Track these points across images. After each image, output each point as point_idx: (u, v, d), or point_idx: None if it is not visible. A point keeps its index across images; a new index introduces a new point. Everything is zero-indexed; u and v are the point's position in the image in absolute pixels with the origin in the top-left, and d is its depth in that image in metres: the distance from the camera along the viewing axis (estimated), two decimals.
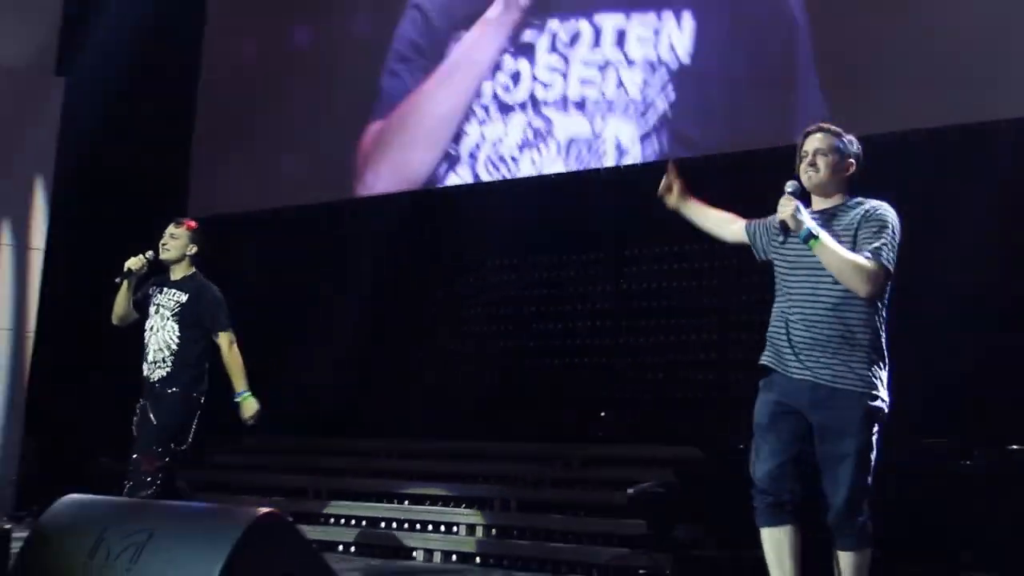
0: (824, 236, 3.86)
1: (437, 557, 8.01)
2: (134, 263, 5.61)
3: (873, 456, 3.89)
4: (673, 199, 4.38)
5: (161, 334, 5.55)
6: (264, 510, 3.09)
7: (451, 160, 10.08)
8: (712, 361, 8.55)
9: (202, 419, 10.92)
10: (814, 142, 4.08)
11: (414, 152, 10.40)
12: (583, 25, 9.39)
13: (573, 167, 9.14)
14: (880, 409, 3.90)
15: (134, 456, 5.47)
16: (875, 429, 3.89)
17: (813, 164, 4.05)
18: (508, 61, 9.82)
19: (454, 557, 7.98)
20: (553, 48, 9.53)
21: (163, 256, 5.63)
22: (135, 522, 3.26)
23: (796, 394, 3.96)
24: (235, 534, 2.94)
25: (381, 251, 10.81)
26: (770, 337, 4.11)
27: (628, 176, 8.70)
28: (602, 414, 9.38)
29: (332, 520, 8.78)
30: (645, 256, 9.29)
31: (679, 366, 8.90)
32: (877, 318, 3.94)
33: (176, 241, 5.67)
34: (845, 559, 3.92)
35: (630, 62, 9.04)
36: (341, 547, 8.36)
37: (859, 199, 4.06)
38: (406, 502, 8.70)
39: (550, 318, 9.90)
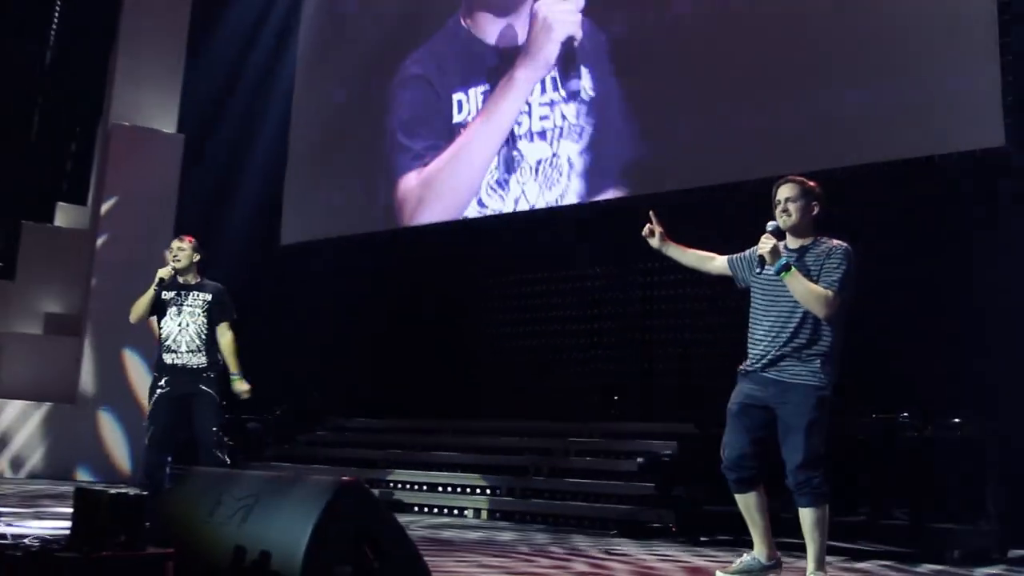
0: (794, 269, 3.96)
1: (483, 515, 8.01)
2: (166, 273, 5.66)
3: (824, 433, 3.93)
4: (655, 241, 4.40)
5: (192, 328, 5.62)
6: (346, 478, 3.09)
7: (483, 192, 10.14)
8: (708, 355, 8.54)
9: (291, 404, 10.97)
10: (785, 191, 4.13)
11: (456, 189, 10.44)
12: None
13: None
14: (827, 396, 3.96)
15: (213, 428, 5.52)
16: (823, 410, 3.93)
17: (786, 210, 4.09)
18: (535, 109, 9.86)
19: (497, 515, 7.98)
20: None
21: (176, 267, 5.68)
22: (244, 489, 3.28)
23: (765, 390, 4.04)
24: (324, 498, 2.95)
25: (435, 267, 10.87)
26: (749, 347, 4.18)
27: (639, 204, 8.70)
28: (615, 397, 9.36)
29: (398, 485, 8.80)
30: (656, 270, 9.25)
31: (681, 359, 8.89)
32: (830, 331, 3.99)
33: (184, 252, 5.70)
34: (805, 515, 3.97)
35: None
36: (407, 506, 8.37)
37: (825, 238, 4.10)
38: (457, 470, 8.71)
39: (574, 320, 9.90)
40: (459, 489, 8.43)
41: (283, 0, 12.91)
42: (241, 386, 5.69)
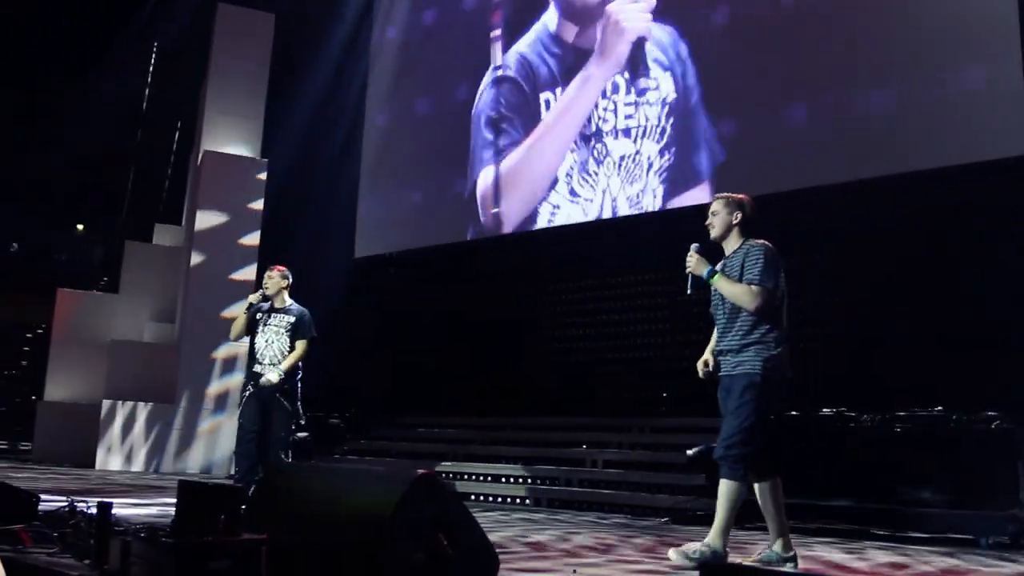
0: (720, 275, 4.12)
1: (544, 503, 7.99)
2: (254, 298, 6.13)
3: (750, 413, 3.99)
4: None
5: (276, 344, 5.99)
6: (421, 471, 3.12)
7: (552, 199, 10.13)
8: None
9: (366, 403, 11.03)
10: (712, 207, 4.32)
11: (525, 194, 10.40)
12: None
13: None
14: (756, 383, 4.01)
15: (282, 435, 5.83)
16: (753, 395, 4.00)
17: (710, 223, 4.28)
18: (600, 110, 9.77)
19: (557, 504, 7.96)
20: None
21: (265, 291, 6.12)
22: (335, 478, 3.34)
23: (722, 386, 4.17)
24: (402, 489, 2.97)
25: (496, 275, 10.90)
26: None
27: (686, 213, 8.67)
28: (664, 394, 9.28)
29: (463, 477, 8.83)
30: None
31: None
32: (764, 322, 4.06)
33: (272, 281, 6.11)
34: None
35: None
36: (472, 496, 8.40)
37: (751, 242, 4.18)
38: (519, 463, 8.71)
39: (627, 323, 9.86)
40: (520, 480, 8.42)
41: (351, 29, 13.08)
42: (272, 376, 5.91)
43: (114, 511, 3.48)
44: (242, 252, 11.23)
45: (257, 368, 5.96)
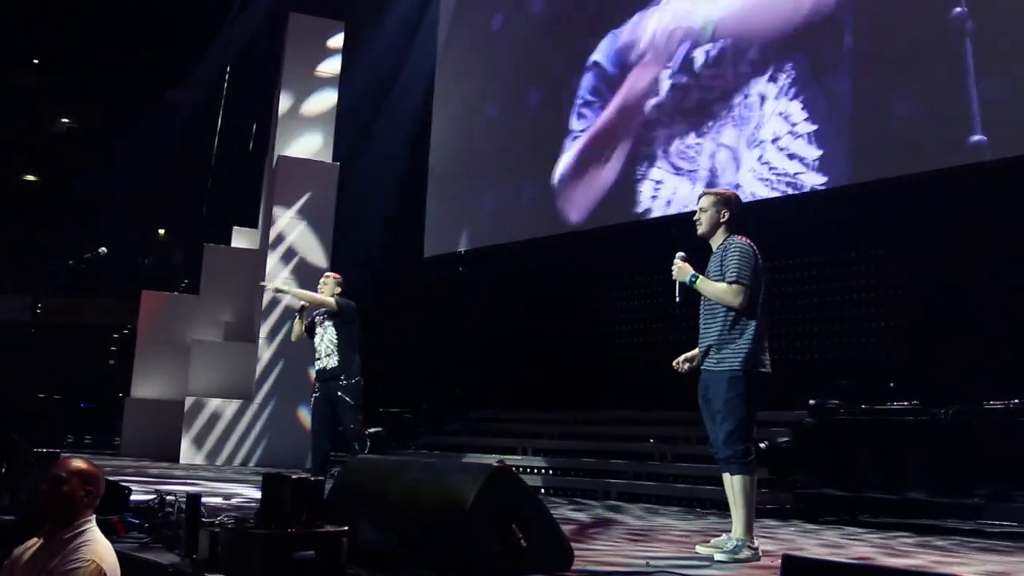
0: (700, 278, 4.18)
1: (613, 496, 7.93)
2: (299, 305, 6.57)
3: (739, 406, 4.03)
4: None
5: (327, 337, 6.27)
6: (497, 464, 3.12)
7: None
8: (811, 348, 8.29)
9: (439, 398, 11.13)
10: (699, 203, 4.34)
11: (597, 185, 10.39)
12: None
13: None
14: (739, 377, 4.06)
15: (351, 426, 6.12)
16: (740, 390, 4.04)
17: (697, 219, 4.31)
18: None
19: (626, 496, 7.89)
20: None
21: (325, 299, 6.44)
22: (412, 471, 3.37)
23: (703, 382, 4.24)
24: (479, 482, 2.99)
25: (564, 271, 10.88)
26: None
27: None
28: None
29: (534, 470, 8.81)
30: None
31: (794, 351, 8.63)
32: (743, 320, 4.10)
33: (326, 286, 6.46)
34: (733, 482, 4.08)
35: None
36: (543, 490, 8.38)
37: (733, 238, 4.21)
38: (587, 456, 8.66)
39: (691, 316, 9.74)
40: (590, 473, 8.38)
41: (419, 34, 13.22)
42: (273, 285, 6.71)
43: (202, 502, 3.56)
44: (316, 253, 11.43)
45: (317, 364, 6.28)
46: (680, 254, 4.27)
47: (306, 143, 12.07)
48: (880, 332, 8.06)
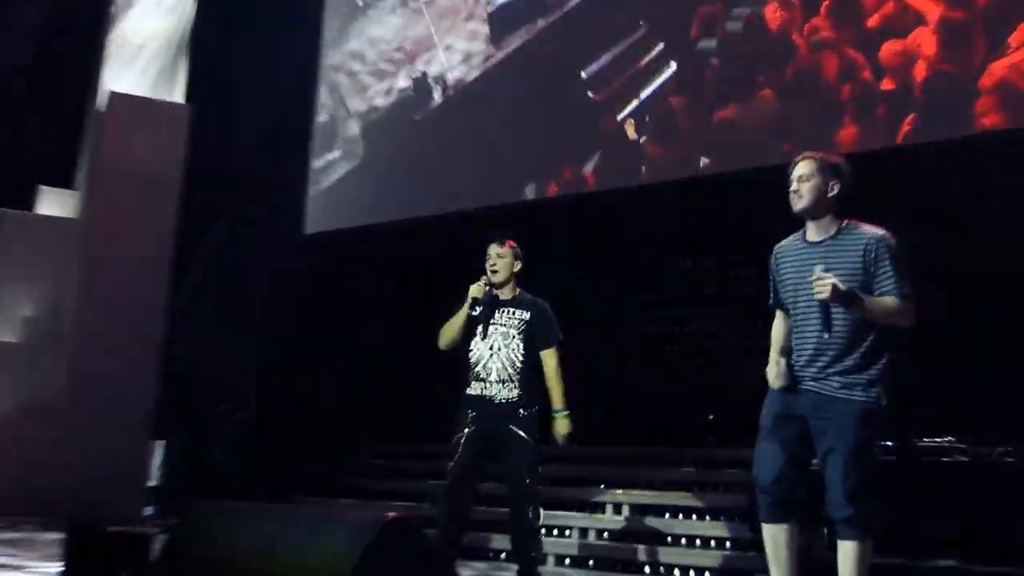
0: (864, 300, 4.14)
1: (550, 561, 7.91)
2: (478, 291, 5.65)
3: (872, 452, 4.24)
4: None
5: (505, 352, 5.61)
6: (393, 514, 3.06)
7: None
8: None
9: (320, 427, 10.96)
10: (798, 169, 4.40)
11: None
12: None
13: None
14: (876, 412, 4.20)
15: (526, 480, 5.53)
16: (871, 428, 4.21)
17: (797, 191, 4.36)
18: None
19: (567, 561, 7.89)
20: None
21: (494, 279, 5.67)
22: (270, 526, 3.27)
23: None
24: (367, 537, 2.92)
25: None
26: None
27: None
28: (711, 417, 9.23)
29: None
30: (750, 261, 9.13)
31: None
32: (881, 344, 4.27)
33: (503, 260, 5.70)
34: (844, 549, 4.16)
35: None
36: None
37: (861, 230, 4.32)
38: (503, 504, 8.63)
39: (655, 323, 9.83)
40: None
41: None
42: (563, 428, 5.65)
43: None
44: (158, 225, 11.12)
45: (476, 388, 5.62)
46: (820, 267, 4.21)
47: (147, 78, 11.79)
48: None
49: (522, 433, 5.52)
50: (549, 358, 5.67)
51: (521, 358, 5.60)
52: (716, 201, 8.86)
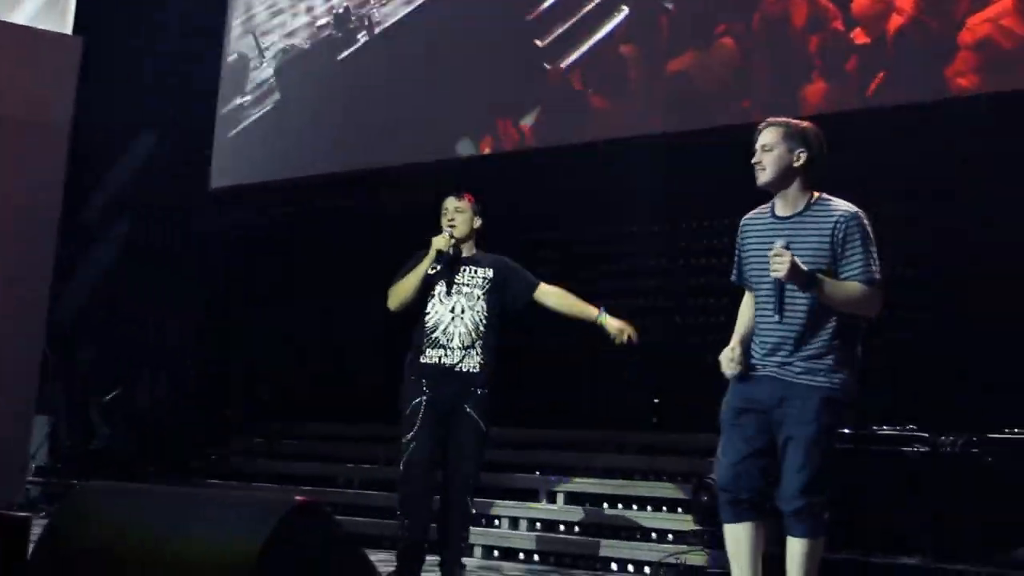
0: (827, 282, 4.14)
1: (477, 552, 7.95)
2: (443, 243, 5.56)
3: (831, 443, 4.29)
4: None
5: (470, 315, 5.56)
6: (300, 498, 3.04)
7: None
8: None
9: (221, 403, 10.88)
10: (760, 138, 4.36)
11: None
12: None
13: None
14: (839, 400, 4.24)
15: (472, 469, 5.57)
16: (834, 419, 4.27)
17: (758, 162, 4.33)
18: None
19: (495, 553, 7.93)
20: None
21: (453, 232, 5.60)
22: (164, 510, 3.24)
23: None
24: (270, 523, 2.89)
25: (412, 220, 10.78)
26: None
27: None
28: (655, 400, 9.32)
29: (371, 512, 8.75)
30: (702, 231, 9.21)
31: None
32: (847, 330, 4.30)
33: (462, 215, 5.67)
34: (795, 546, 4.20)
35: None
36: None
37: (830, 203, 4.32)
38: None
39: (597, 296, 9.84)
40: None
41: None
42: (614, 321, 5.60)
43: None
44: (41, 179, 10.90)
45: (434, 356, 5.54)
46: (781, 242, 4.19)
47: (30, 3, 11.56)
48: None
49: (476, 417, 5.53)
50: (546, 292, 5.73)
51: (486, 321, 5.56)
52: (667, 163, 8.87)
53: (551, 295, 5.75)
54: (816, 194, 4.36)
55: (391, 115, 10.72)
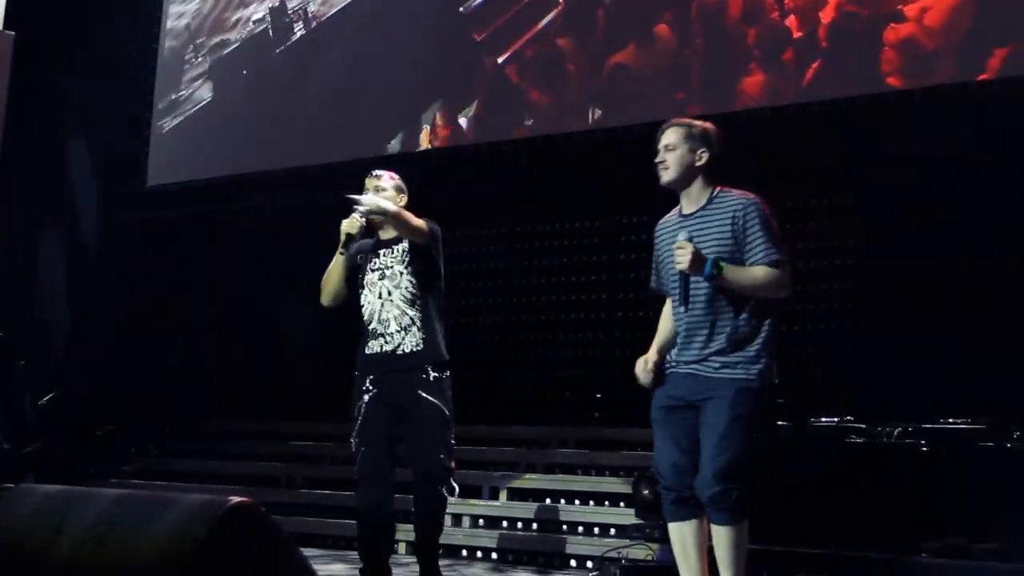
0: (728, 267, 4.22)
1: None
2: (351, 226, 5.25)
3: (751, 431, 4.28)
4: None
5: (397, 293, 5.32)
6: (236, 499, 3.01)
7: None
8: None
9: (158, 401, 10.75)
10: (662, 139, 4.47)
11: None
12: None
13: None
14: (755, 389, 4.27)
15: (440, 456, 5.31)
16: (754, 406, 4.26)
17: (662, 161, 4.44)
18: None
19: (440, 551, 7.88)
20: None
21: (372, 218, 5.31)
22: (97, 511, 3.20)
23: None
24: (206, 525, 2.87)
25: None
26: None
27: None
28: (597, 395, 9.34)
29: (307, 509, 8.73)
30: (641, 225, 9.26)
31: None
32: (759, 314, 4.35)
33: (383, 195, 5.35)
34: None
35: None
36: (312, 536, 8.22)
37: (731, 194, 4.41)
38: None
39: (538, 291, 9.88)
40: None
41: None
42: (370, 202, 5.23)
43: None
44: None
45: (375, 346, 5.34)
46: (684, 234, 4.30)
47: None
48: (803, 318, 8.39)
49: (433, 400, 5.27)
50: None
51: (417, 293, 5.33)
52: (606, 158, 8.90)
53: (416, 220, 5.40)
54: (718, 188, 4.45)
55: (326, 111, 10.67)
